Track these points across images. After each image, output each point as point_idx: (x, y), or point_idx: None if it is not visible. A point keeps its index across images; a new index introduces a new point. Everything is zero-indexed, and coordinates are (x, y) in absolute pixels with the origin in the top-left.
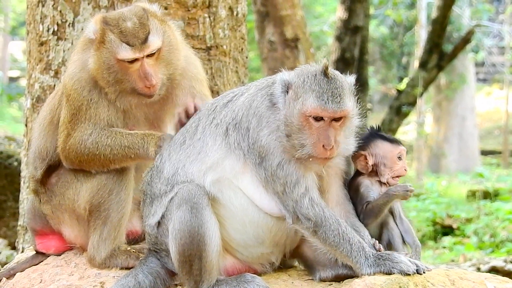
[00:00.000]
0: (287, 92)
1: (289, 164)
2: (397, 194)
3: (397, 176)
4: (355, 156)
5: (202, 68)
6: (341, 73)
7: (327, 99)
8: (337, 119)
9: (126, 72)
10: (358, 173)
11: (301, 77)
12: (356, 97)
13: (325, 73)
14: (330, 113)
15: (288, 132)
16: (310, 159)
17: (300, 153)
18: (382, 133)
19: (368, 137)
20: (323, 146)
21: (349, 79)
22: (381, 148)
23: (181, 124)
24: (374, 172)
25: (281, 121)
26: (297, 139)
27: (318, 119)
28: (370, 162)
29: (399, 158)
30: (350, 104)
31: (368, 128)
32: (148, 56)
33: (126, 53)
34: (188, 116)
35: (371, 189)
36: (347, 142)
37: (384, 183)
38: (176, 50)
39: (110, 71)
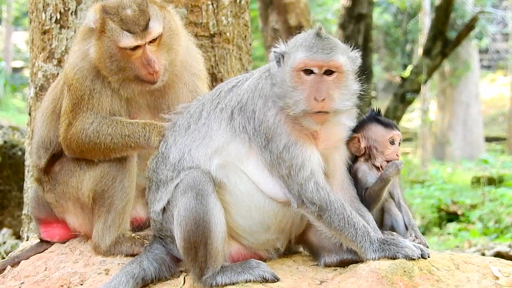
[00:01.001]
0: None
1: (295, 146)
2: (391, 175)
3: (389, 161)
4: (349, 139)
5: (203, 64)
6: None
7: (316, 50)
8: (328, 73)
9: (128, 60)
10: (355, 159)
11: (294, 41)
12: (360, 80)
13: (318, 34)
14: (319, 61)
15: (282, 93)
16: (306, 116)
17: (295, 110)
18: (378, 117)
19: (363, 120)
20: (315, 98)
21: (353, 53)
22: (373, 131)
23: None
24: (369, 155)
25: (276, 88)
26: (291, 97)
27: (308, 72)
28: (362, 144)
29: (391, 142)
30: (343, 57)
31: (367, 111)
32: (150, 42)
33: (128, 40)
34: None
35: (368, 174)
36: (343, 98)
37: (379, 167)
38: (177, 36)
39: (113, 60)
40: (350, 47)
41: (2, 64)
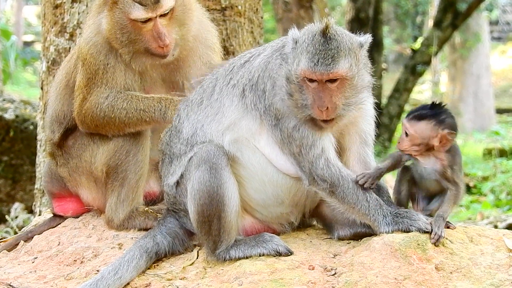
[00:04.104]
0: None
1: (305, 126)
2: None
3: None
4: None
5: (217, 38)
6: (355, 33)
7: (317, 61)
8: (331, 81)
9: (139, 33)
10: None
11: (303, 36)
12: (368, 56)
13: (323, 33)
14: (318, 75)
15: (290, 91)
16: (313, 121)
17: (301, 114)
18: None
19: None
20: (318, 107)
21: (360, 39)
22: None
23: None
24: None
25: (284, 79)
26: (298, 99)
27: (311, 80)
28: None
29: None
30: (345, 65)
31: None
32: (161, 16)
33: (139, 13)
34: None
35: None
36: (349, 102)
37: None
38: (190, 11)
39: (123, 32)
40: (359, 29)
41: (13, 38)
